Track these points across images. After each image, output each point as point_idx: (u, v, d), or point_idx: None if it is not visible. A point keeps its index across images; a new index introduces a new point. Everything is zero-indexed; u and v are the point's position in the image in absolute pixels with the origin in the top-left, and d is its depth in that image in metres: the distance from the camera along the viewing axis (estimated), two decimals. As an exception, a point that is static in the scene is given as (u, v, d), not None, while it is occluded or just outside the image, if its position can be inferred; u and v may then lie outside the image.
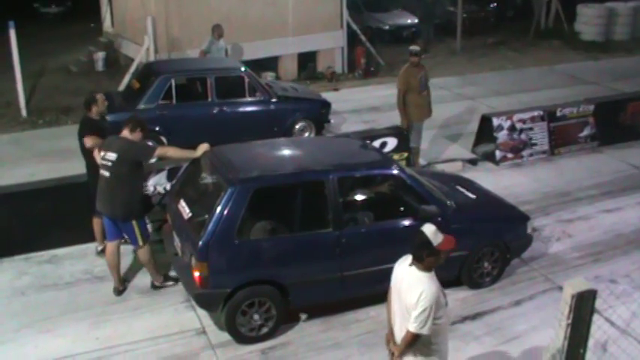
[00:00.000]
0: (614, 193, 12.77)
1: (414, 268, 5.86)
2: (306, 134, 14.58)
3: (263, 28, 19.25)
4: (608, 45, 25.69)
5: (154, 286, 9.38)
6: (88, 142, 9.40)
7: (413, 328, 5.69)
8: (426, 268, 5.81)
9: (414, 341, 5.79)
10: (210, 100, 13.83)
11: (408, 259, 5.99)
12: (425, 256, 5.77)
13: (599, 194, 12.69)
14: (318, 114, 14.93)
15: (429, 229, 5.86)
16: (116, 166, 8.60)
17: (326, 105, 15.18)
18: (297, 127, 14.57)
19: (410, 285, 5.79)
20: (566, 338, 4.70)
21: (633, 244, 10.86)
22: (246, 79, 14.10)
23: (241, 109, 14.18)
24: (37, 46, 21.42)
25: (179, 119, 13.44)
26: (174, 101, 13.56)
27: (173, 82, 13.55)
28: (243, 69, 14.30)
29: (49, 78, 19.77)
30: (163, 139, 13.05)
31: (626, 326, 8.19)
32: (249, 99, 14.21)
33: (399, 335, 5.97)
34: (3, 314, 8.81)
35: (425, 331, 5.69)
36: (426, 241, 5.77)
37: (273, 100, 14.33)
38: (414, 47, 12.91)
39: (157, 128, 13.08)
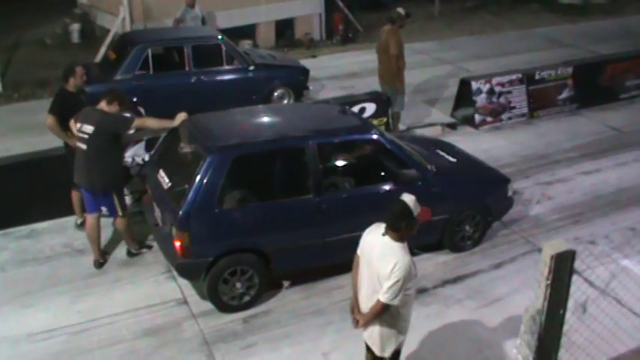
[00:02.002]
0: (593, 155, 12.84)
1: (387, 238, 5.78)
2: (285, 101, 14.52)
3: (239, -5, 19.09)
4: (587, 8, 25.71)
5: (130, 254, 9.38)
6: (49, 119, 9.31)
7: (384, 298, 5.64)
8: (400, 238, 5.75)
9: (383, 311, 5.75)
10: (187, 69, 13.72)
11: (379, 227, 5.91)
12: (403, 226, 5.70)
13: (578, 156, 12.76)
14: (297, 81, 14.88)
15: (409, 198, 5.78)
16: (93, 139, 8.50)
17: (304, 72, 15.13)
18: (275, 94, 14.51)
19: (383, 255, 5.72)
20: (546, 299, 4.70)
21: (612, 205, 10.94)
22: (224, 48, 14.00)
23: (219, 78, 14.10)
24: (11, 19, 21.15)
25: (156, 89, 13.33)
26: (151, 71, 13.44)
27: (149, 52, 13.42)
28: (220, 37, 14.17)
29: (23, 51, 19.50)
30: (141, 109, 12.89)
31: (605, 286, 8.25)
32: (227, 67, 14.12)
33: (365, 304, 5.94)
34: (-17, 290, 8.77)
35: (396, 302, 5.65)
36: (407, 210, 5.70)
37: (251, 67, 14.24)
38: (404, 10, 12.76)
39: (135, 99, 12.95)
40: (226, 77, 14.17)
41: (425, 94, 15.82)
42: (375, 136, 8.91)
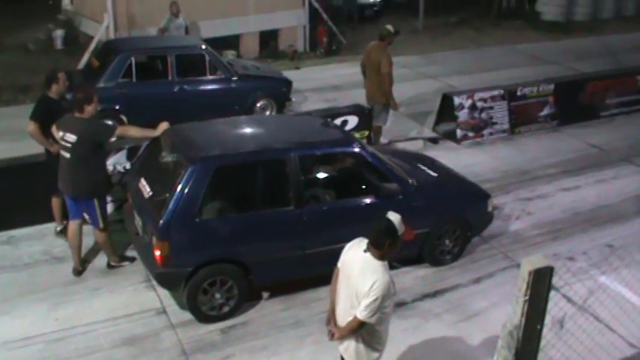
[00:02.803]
0: (573, 172, 12.93)
1: (369, 254, 5.76)
2: (268, 112, 14.53)
3: (224, 5, 19.16)
4: (569, 25, 25.96)
5: (109, 266, 9.32)
6: (30, 126, 9.25)
7: (362, 316, 5.63)
8: (382, 256, 5.74)
9: (359, 328, 5.75)
10: (170, 78, 13.73)
11: (362, 243, 5.90)
12: (387, 244, 5.69)
13: (559, 173, 12.84)
14: (280, 92, 14.90)
15: (395, 217, 5.76)
16: (76, 148, 8.47)
17: (287, 83, 15.15)
18: (258, 105, 14.53)
19: (364, 272, 5.70)
20: (524, 314, 4.73)
21: (591, 222, 11.01)
22: (207, 57, 14.03)
23: (202, 88, 14.12)
24: (-5, 24, 21.09)
25: (139, 97, 13.32)
26: (134, 79, 13.44)
27: (133, 60, 13.43)
28: (203, 47, 14.19)
29: (6, 56, 19.43)
30: (123, 117, 12.93)
31: (583, 303, 8.32)
32: (210, 77, 14.15)
33: (342, 317, 5.93)
34: (-40, 296, 8.70)
35: (373, 320, 5.65)
36: (392, 228, 5.69)
37: (234, 78, 14.27)
38: (394, 28, 12.74)
39: (117, 107, 12.98)
40: (209, 87, 14.19)
41: (407, 108, 15.85)
42: (356, 149, 8.94)
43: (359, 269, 5.76)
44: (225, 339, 8.02)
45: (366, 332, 5.84)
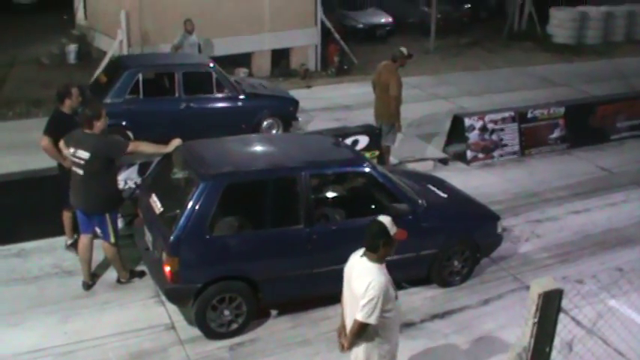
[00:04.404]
0: (583, 194, 12.91)
1: (364, 259, 5.92)
2: (274, 131, 14.56)
3: (237, 23, 19.23)
4: (580, 48, 25.96)
5: (119, 282, 9.35)
6: (43, 141, 9.32)
7: (360, 316, 5.72)
8: (378, 259, 5.87)
9: (361, 330, 5.82)
10: (177, 95, 13.77)
11: (359, 252, 6.06)
12: (381, 245, 5.82)
13: (569, 195, 12.83)
14: (286, 112, 14.91)
15: (385, 218, 5.95)
16: (89, 164, 8.50)
17: (294, 103, 15.16)
18: (264, 124, 14.53)
19: (359, 274, 5.85)
20: (533, 336, 4.74)
21: (600, 245, 10.99)
22: (214, 75, 14.07)
23: (208, 105, 14.15)
24: (9, 37, 21.23)
25: (146, 114, 13.36)
26: (141, 96, 13.48)
27: (140, 76, 13.48)
28: (211, 65, 14.25)
29: (20, 69, 19.55)
30: (130, 133, 12.97)
31: (592, 326, 8.29)
32: (217, 95, 14.19)
33: (349, 327, 6.02)
34: (-30, 308, 8.74)
35: (372, 320, 5.72)
36: (384, 229, 5.84)
37: (241, 96, 14.30)
38: (407, 51, 12.79)
39: (124, 123, 13.03)
40: (216, 105, 14.22)
41: (418, 128, 15.91)
42: (367, 169, 8.97)
43: (356, 273, 5.90)
44: (233, 356, 8.03)
45: (371, 339, 5.92)
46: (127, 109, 13.20)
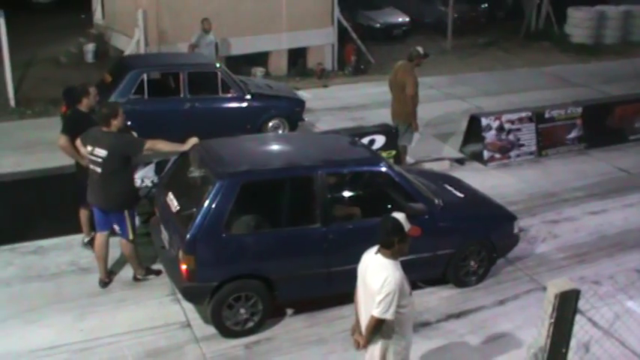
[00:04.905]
0: (600, 195, 12.85)
1: (379, 255, 5.95)
2: (280, 132, 14.48)
3: (254, 23, 19.25)
4: (598, 48, 25.80)
5: (135, 279, 9.39)
6: (61, 139, 9.37)
7: (376, 312, 5.74)
8: (393, 256, 5.89)
9: (377, 326, 5.84)
10: (182, 95, 13.71)
11: (373, 249, 6.09)
12: (396, 242, 5.85)
13: (585, 196, 12.77)
14: (292, 112, 14.81)
15: (399, 215, 6.00)
16: (107, 162, 8.57)
17: (300, 103, 15.09)
18: (270, 124, 14.44)
19: (374, 271, 5.87)
20: (549, 337, 4.73)
21: (617, 246, 10.93)
22: (220, 76, 14.00)
23: (213, 106, 14.09)
24: (27, 37, 21.28)
25: (150, 114, 13.31)
26: (145, 96, 13.44)
27: (145, 76, 13.46)
28: (217, 65, 14.23)
29: (38, 68, 19.64)
30: (134, 133, 12.97)
31: (609, 327, 8.26)
32: (222, 95, 14.12)
33: (365, 324, 6.02)
34: (-12, 304, 8.80)
35: (388, 315, 5.73)
36: (398, 226, 5.88)
37: (247, 97, 14.23)
38: (423, 50, 12.75)
39: (128, 123, 12.96)
40: (221, 105, 14.17)
41: (434, 128, 15.88)
42: (383, 169, 8.97)
43: (371, 270, 5.93)
44: (249, 354, 8.05)
45: (387, 335, 5.94)
46: (132, 110, 13.08)
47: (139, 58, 16.00)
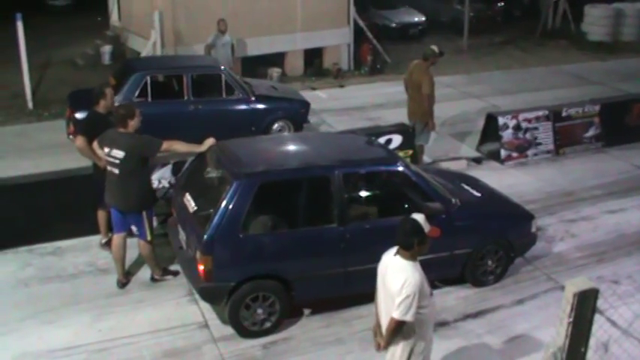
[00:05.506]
0: (618, 193, 12.77)
1: (398, 257, 5.93)
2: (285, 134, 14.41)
3: (270, 23, 19.29)
4: (615, 46, 25.67)
5: (153, 279, 9.42)
6: (78, 140, 9.42)
7: (397, 314, 5.73)
8: (412, 257, 5.88)
9: (398, 328, 5.83)
10: (186, 98, 13.67)
11: (392, 250, 6.07)
12: (415, 244, 5.83)
13: (603, 195, 12.70)
14: (297, 114, 14.74)
15: (419, 216, 5.98)
16: (125, 163, 8.60)
17: (305, 105, 15.01)
18: (275, 126, 14.39)
19: (394, 273, 5.85)
20: (568, 336, 4.70)
21: (636, 245, 10.86)
22: (224, 78, 13.95)
23: (218, 108, 14.01)
24: (44, 39, 21.44)
25: (154, 117, 13.15)
26: (149, 98, 13.38)
27: (149, 79, 13.41)
28: (221, 67, 14.22)
29: (55, 70, 19.77)
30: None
31: (628, 326, 8.17)
32: (226, 97, 14.06)
33: (385, 326, 6.01)
34: (7, 305, 8.84)
35: (408, 317, 5.72)
36: (418, 227, 5.86)
37: (252, 99, 14.18)
38: (439, 49, 12.72)
39: None
40: (225, 107, 14.09)
41: (451, 127, 15.85)
42: (400, 168, 8.95)
43: (391, 272, 5.91)
44: (266, 354, 8.06)
45: (407, 335, 5.93)
46: None
47: (142, 61, 16.08)
